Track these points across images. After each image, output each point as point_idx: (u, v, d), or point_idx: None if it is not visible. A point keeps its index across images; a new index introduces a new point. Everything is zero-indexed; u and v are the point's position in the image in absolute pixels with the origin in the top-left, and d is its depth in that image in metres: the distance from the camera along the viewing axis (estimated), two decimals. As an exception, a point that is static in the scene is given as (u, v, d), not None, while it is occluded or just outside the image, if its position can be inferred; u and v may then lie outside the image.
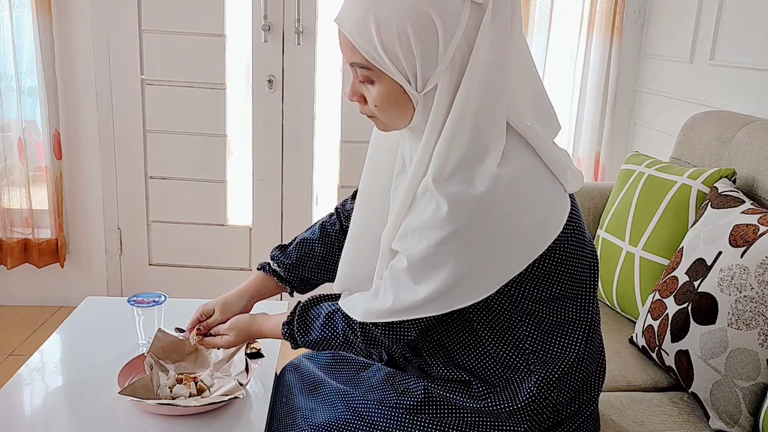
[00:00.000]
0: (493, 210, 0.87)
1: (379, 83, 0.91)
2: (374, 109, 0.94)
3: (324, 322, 1.05)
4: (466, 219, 0.87)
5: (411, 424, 1.01)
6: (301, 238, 1.27)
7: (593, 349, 1.03)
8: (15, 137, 2.51)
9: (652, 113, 2.50)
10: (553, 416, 1.01)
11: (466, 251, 0.89)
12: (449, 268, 0.89)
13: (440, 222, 0.88)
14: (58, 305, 2.72)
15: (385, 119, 0.96)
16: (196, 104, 2.60)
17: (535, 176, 0.92)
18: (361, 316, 0.99)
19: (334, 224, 1.26)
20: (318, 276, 1.26)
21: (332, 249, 1.24)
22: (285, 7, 2.50)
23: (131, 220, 2.71)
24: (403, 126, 0.96)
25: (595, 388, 1.06)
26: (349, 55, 0.91)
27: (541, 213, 0.91)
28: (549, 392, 0.98)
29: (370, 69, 0.90)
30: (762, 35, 1.84)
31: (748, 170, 1.53)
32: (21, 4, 2.42)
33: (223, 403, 1.11)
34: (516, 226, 0.89)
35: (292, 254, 1.25)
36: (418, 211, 0.91)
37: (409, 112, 0.93)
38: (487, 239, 0.88)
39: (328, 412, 1.07)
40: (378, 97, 0.92)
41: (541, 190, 0.92)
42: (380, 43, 0.86)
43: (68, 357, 1.33)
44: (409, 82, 0.89)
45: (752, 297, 1.19)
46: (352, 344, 1.03)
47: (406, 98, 0.91)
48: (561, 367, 0.99)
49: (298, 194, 2.70)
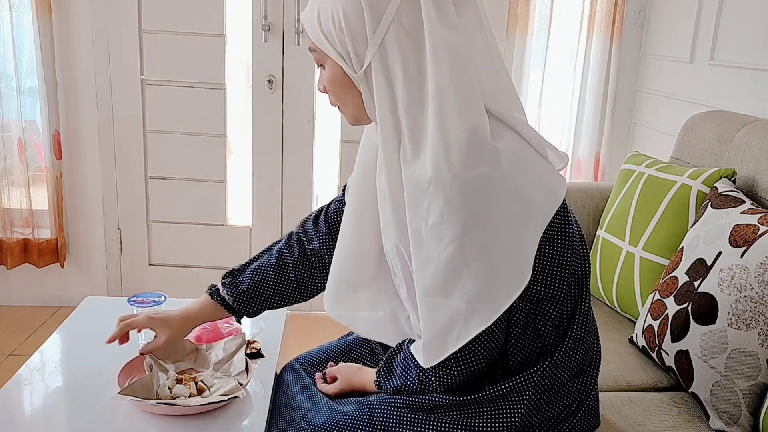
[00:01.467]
0: (504, 185, 0.88)
1: (327, 66, 0.98)
2: (329, 95, 1.01)
3: (402, 370, 1.04)
4: (481, 201, 0.87)
5: (413, 423, 1.01)
6: (255, 267, 1.23)
7: (590, 335, 1.04)
8: (15, 137, 2.51)
9: (652, 113, 2.50)
10: (550, 404, 1.00)
11: (492, 235, 0.88)
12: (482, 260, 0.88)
13: (456, 211, 0.87)
14: (58, 305, 2.72)
15: (342, 105, 1.01)
16: (196, 104, 2.60)
17: (527, 150, 0.95)
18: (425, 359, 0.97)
19: (292, 251, 1.24)
20: (269, 305, 1.23)
21: (288, 279, 1.22)
22: (285, 7, 2.50)
23: (131, 220, 2.71)
24: (365, 117, 1.00)
25: (593, 374, 1.06)
26: (308, 40, 1.00)
27: (544, 183, 0.93)
28: (548, 378, 0.99)
29: (317, 51, 0.98)
30: (762, 35, 1.84)
31: (748, 170, 1.53)
32: (21, 4, 2.42)
33: (223, 403, 1.11)
34: (527, 197, 0.90)
35: (244, 282, 1.21)
36: (425, 208, 0.90)
37: (358, 96, 0.97)
38: (506, 216, 0.88)
39: (327, 413, 1.07)
40: (327, 80, 0.99)
41: (538, 162, 0.95)
42: (320, 25, 0.95)
43: (68, 357, 1.33)
44: (345, 62, 0.95)
45: (752, 297, 1.19)
46: (428, 388, 1.01)
47: (349, 80, 0.97)
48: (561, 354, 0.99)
49: (298, 194, 2.70)
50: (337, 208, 1.25)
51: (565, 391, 1.02)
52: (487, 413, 0.99)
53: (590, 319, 1.05)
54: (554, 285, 0.96)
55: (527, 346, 0.99)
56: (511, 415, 0.98)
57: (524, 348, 0.99)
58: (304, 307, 2.79)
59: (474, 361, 0.96)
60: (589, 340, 1.04)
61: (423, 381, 1.01)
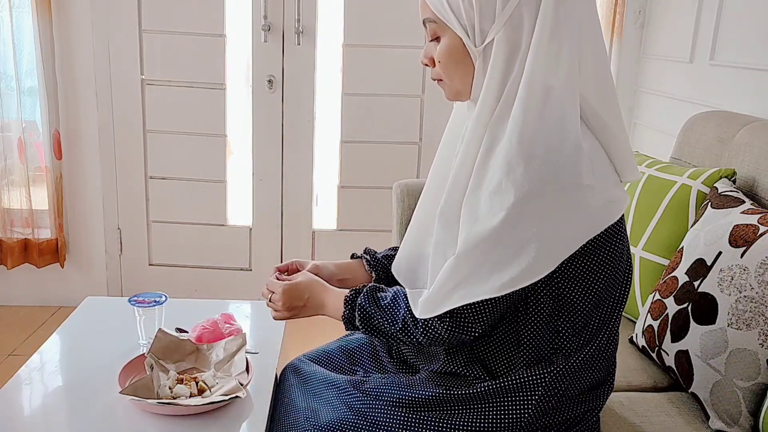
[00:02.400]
0: (570, 180, 0.89)
1: (443, 38, 0.97)
2: (439, 67, 0.99)
3: (388, 303, 1.02)
4: (542, 183, 0.87)
5: (415, 422, 1.00)
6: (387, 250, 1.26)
7: (607, 355, 1.04)
8: (15, 137, 2.51)
9: (652, 113, 2.49)
10: (558, 413, 1.01)
11: (537, 217, 0.89)
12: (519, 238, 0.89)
13: (514, 183, 0.87)
14: (58, 305, 2.72)
15: (449, 79, 1.00)
16: (196, 104, 2.60)
17: (604, 158, 0.96)
18: (421, 310, 0.97)
19: None
20: None
21: None
22: (285, 7, 2.50)
23: (131, 220, 2.71)
24: (467, 93, 0.99)
25: (601, 398, 1.06)
26: (423, 11, 0.99)
27: (607, 194, 0.93)
28: (559, 383, 0.99)
29: (436, 23, 0.97)
30: (762, 35, 1.84)
31: (748, 170, 1.53)
32: (21, 4, 2.42)
33: (224, 402, 1.11)
34: (586, 201, 0.90)
35: (382, 261, 1.24)
36: (489, 178, 0.91)
37: (469, 71, 0.97)
38: (557, 208, 0.89)
39: (331, 413, 1.07)
40: (441, 52, 0.98)
41: (607, 173, 0.95)
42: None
43: (68, 357, 1.33)
44: (468, 36, 0.94)
45: (752, 297, 1.19)
46: (409, 333, 0.99)
47: (466, 55, 0.96)
48: (576, 363, 0.99)
49: (298, 194, 2.70)
50: None
51: (574, 405, 1.02)
52: (493, 411, 0.99)
53: (614, 340, 1.05)
54: (584, 293, 0.96)
55: (542, 341, 0.99)
56: (518, 415, 0.98)
57: (539, 342, 0.99)
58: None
59: (468, 327, 0.96)
60: (608, 360, 1.04)
61: (407, 324, 0.99)
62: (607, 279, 0.97)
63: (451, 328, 0.96)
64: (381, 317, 1.02)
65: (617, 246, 0.97)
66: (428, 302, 0.96)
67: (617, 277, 1.00)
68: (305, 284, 1.13)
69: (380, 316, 1.02)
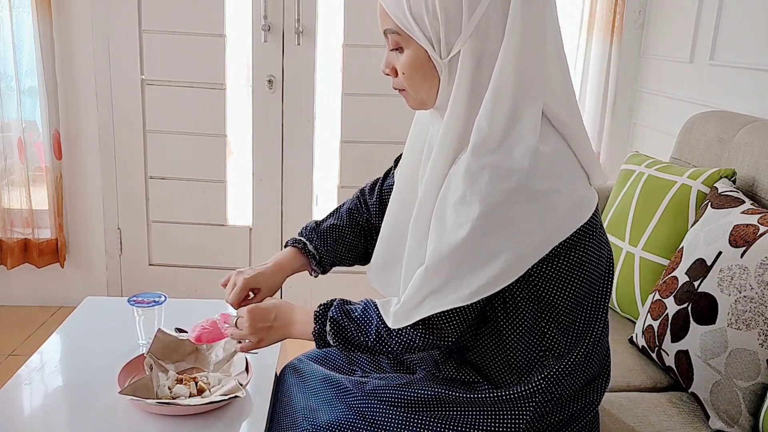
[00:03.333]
0: (534, 186, 0.88)
1: (407, 49, 0.95)
2: (403, 78, 0.98)
3: (360, 315, 1.01)
4: (507, 192, 0.87)
5: (414, 422, 1.00)
6: (329, 224, 1.25)
7: (601, 350, 1.04)
8: (15, 137, 2.51)
9: (652, 113, 2.49)
10: (556, 413, 1.01)
11: (504, 226, 0.89)
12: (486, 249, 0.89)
13: (479, 194, 0.87)
14: (58, 305, 2.72)
15: (413, 91, 0.99)
16: (196, 104, 2.60)
17: (568, 160, 0.95)
18: (393, 320, 0.96)
19: (361, 213, 1.27)
20: (345, 260, 1.26)
21: (359, 237, 1.26)
22: (285, 7, 2.50)
23: (131, 220, 2.71)
24: (431, 103, 0.98)
25: (598, 392, 1.06)
26: (383, 21, 0.97)
27: (574, 196, 0.93)
28: (555, 387, 0.99)
29: (399, 34, 0.95)
30: (762, 35, 1.84)
31: (748, 170, 1.53)
32: (21, 4, 2.41)
33: (224, 402, 1.11)
34: (552, 205, 0.90)
35: (327, 238, 1.24)
36: (454, 188, 0.91)
37: (434, 82, 0.96)
38: (524, 215, 0.89)
39: (330, 413, 1.07)
40: (405, 64, 0.96)
41: (574, 174, 0.95)
42: (408, 8, 0.92)
43: (68, 357, 1.33)
44: (433, 48, 0.93)
45: (752, 297, 1.19)
46: (384, 344, 0.98)
47: (431, 66, 0.95)
48: (569, 364, 0.99)
49: (298, 194, 2.70)
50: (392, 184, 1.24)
51: (571, 402, 1.02)
52: (492, 416, 0.99)
53: (604, 336, 1.05)
54: (564, 292, 0.96)
55: (531, 344, 0.99)
56: (516, 421, 0.98)
57: (527, 346, 0.99)
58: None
59: (441, 333, 0.96)
60: (601, 356, 1.04)
61: (381, 335, 0.98)
62: (585, 276, 0.97)
63: (423, 335, 0.96)
64: (354, 329, 1.00)
65: (593, 242, 0.97)
66: (400, 312, 0.96)
67: (596, 273, 1.00)
68: (270, 304, 1.10)
69: (353, 328, 1.00)
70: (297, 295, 2.72)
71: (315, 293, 2.78)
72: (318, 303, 1.05)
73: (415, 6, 0.91)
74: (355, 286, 2.75)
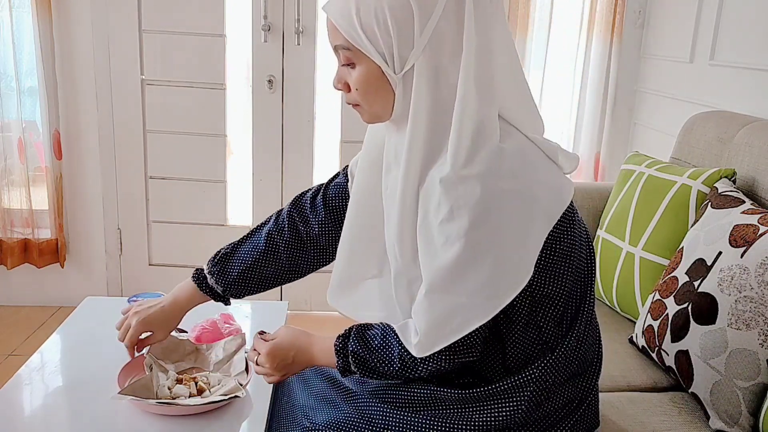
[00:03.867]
0: (511, 184, 0.88)
1: (359, 65, 0.94)
2: (356, 94, 0.97)
3: (380, 344, 0.99)
4: (490, 198, 0.87)
5: (415, 422, 1.00)
6: (243, 252, 1.22)
7: (591, 333, 1.04)
8: (15, 137, 2.51)
9: (652, 113, 2.50)
10: (551, 400, 1.01)
11: (498, 233, 0.88)
12: (488, 257, 0.89)
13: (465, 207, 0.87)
14: (58, 305, 2.72)
15: (368, 106, 0.98)
16: (196, 104, 2.60)
17: (535, 151, 0.95)
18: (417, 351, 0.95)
19: (282, 233, 1.22)
20: (258, 289, 1.23)
21: (278, 263, 1.21)
22: (285, 7, 2.50)
23: (131, 220, 2.71)
24: (387, 116, 0.98)
25: (593, 377, 1.06)
26: (333, 37, 0.95)
27: (551, 183, 0.93)
28: (549, 375, 0.99)
29: (350, 50, 0.93)
30: (762, 35, 1.84)
31: (748, 170, 1.53)
32: (21, 4, 2.42)
33: (224, 402, 1.11)
34: (535, 196, 0.90)
35: (233, 270, 1.20)
36: (435, 205, 0.90)
37: (389, 97, 0.95)
38: (512, 216, 0.89)
39: (330, 411, 1.07)
40: (358, 80, 0.95)
41: (544, 163, 0.95)
42: (359, 23, 0.90)
43: (68, 357, 1.33)
44: (386, 63, 0.92)
45: (752, 297, 1.19)
46: (410, 370, 0.97)
47: (385, 81, 0.94)
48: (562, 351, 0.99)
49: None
50: (338, 192, 1.24)
51: (566, 388, 1.02)
52: (487, 410, 0.99)
53: (593, 319, 1.05)
54: (557, 284, 0.97)
55: (528, 342, 0.99)
56: (512, 412, 0.98)
57: (525, 344, 0.99)
58: (304, 307, 2.79)
59: (466, 352, 0.96)
60: (591, 340, 1.05)
61: (405, 362, 0.97)
62: (573, 263, 0.98)
63: (450, 358, 0.96)
64: (377, 360, 0.99)
65: (575, 230, 0.98)
66: (424, 344, 0.94)
67: (581, 259, 1.00)
68: (288, 342, 1.07)
69: (376, 359, 0.99)
70: (297, 295, 2.73)
71: (315, 292, 2.79)
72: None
73: (365, 21, 0.90)
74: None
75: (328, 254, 1.23)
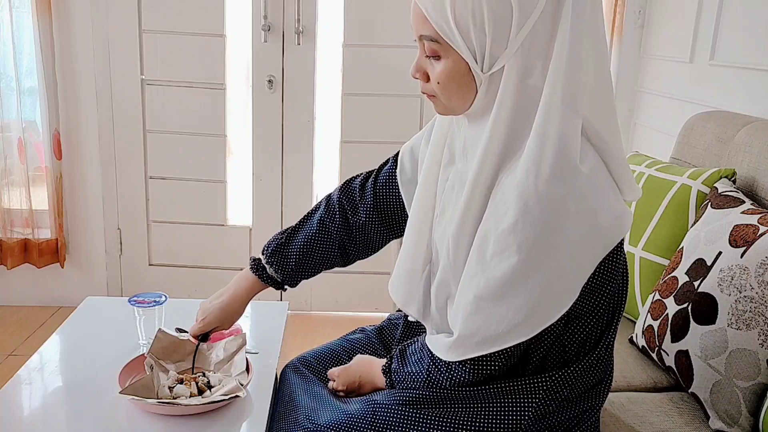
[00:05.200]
0: (577, 207, 0.87)
1: (445, 59, 0.91)
2: (436, 86, 0.94)
3: (417, 357, 1.03)
4: (555, 219, 0.86)
5: (416, 419, 1.00)
6: (300, 240, 1.23)
7: (608, 355, 1.04)
8: (15, 137, 2.51)
9: (652, 113, 2.50)
10: (558, 413, 1.01)
11: (556, 253, 0.87)
12: (542, 276, 0.88)
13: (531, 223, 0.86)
14: (58, 305, 2.72)
15: (446, 99, 0.95)
16: (196, 104, 2.60)
17: (605, 176, 0.93)
18: (446, 353, 0.96)
19: (334, 218, 1.22)
20: (315, 274, 1.25)
21: (331, 247, 1.23)
22: (285, 7, 2.50)
23: (131, 220, 2.71)
24: (462, 110, 0.96)
25: (602, 395, 1.06)
26: (420, 26, 0.92)
27: (613, 211, 0.91)
28: (560, 389, 0.99)
29: (438, 42, 0.90)
30: (762, 35, 1.84)
31: (748, 170, 1.53)
32: (21, 4, 2.42)
33: (224, 402, 1.11)
34: (597, 222, 0.89)
35: (291, 258, 1.22)
36: (502, 212, 0.88)
37: (470, 94, 0.93)
38: (573, 239, 0.87)
39: (331, 410, 1.07)
40: (442, 74, 0.92)
41: (610, 191, 0.93)
42: (453, 17, 0.87)
43: (68, 357, 1.33)
44: (475, 61, 0.89)
45: (752, 297, 1.19)
46: (435, 382, 1.00)
47: (470, 78, 0.91)
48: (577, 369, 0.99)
49: (298, 194, 2.70)
50: (387, 179, 1.22)
51: (574, 405, 1.02)
52: (493, 411, 0.99)
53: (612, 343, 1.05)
54: (592, 305, 0.96)
55: (550, 357, 0.99)
56: (517, 417, 0.98)
57: (546, 358, 0.99)
58: (304, 307, 2.79)
59: (491, 365, 0.96)
60: (606, 362, 1.04)
61: (431, 373, 1.00)
62: (611, 288, 0.97)
63: (472, 370, 0.97)
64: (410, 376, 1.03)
65: (618, 257, 0.97)
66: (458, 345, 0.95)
67: (618, 285, 0.99)
68: (356, 366, 1.15)
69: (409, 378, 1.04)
70: (297, 295, 2.73)
71: (315, 292, 2.79)
72: None
73: (460, 15, 0.86)
74: (355, 286, 2.76)
75: (374, 244, 1.25)
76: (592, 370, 1.01)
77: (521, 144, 0.90)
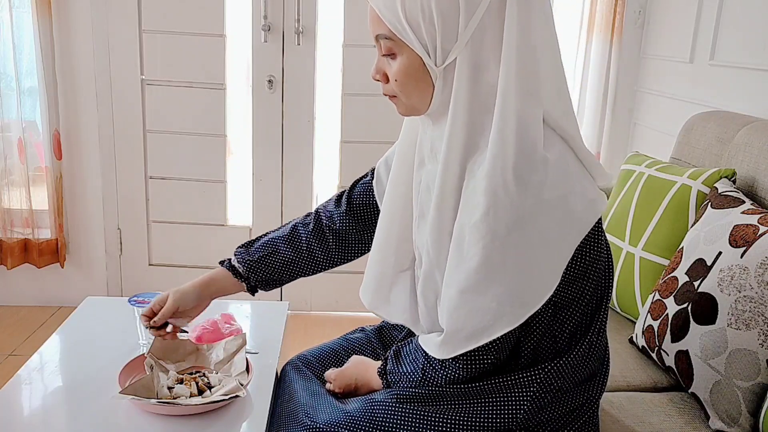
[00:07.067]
0: (550, 194, 0.88)
1: (400, 56, 0.94)
2: (395, 85, 0.96)
3: (412, 357, 1.04)
4: (527, 206, 0.87)
5: (414, 417, 1.00)
6: (268, 238, 1.25)
7: (600, 345, 1.04)
8: (15, 137, 2.51)
9: (652, 113, 2.50)
10: (555, 406, 1.01)
11: (530, 240, 0.88)
12: (518, 264, 0.89)
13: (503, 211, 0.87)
14: (58, 305, 2.72)
15: (405, 98, 0.97)
16: (196, 104, 2.60)
17: (574, 161, 0.94)
18: (438, 351, 0.97)
19: (307, 225, 1.24)
20: (281, 276, 1.24)
21: (299, 250, 1.23)
22: (285, 7, 2.50)
23: (131, 220, 2.71)
24: (423, 108, 0.97)
25: (598, 388, 1.06)
26: (375, 26, 0.95)
27: (587, 195, 0.92)
28: (554, 380, 0.99)
29: (392, 40, 0.93)
30: (762, 35, 1.84)
31: (748, 170, 1.53)
32: (21, 4, 2.41)
33: (224, 402, 1.11)
34: (570, 208, 0.90)
35: (256, 252, 1.23)
36: (473, 204, 0.90)
37: (428, 90, 0.95)
38: (547, 225, 0.89)
39: (330, 408, 1.07)
40: (399, 71, 0.95)
41: (581, 175, 0.94)
42: (403, 13, 0.90)
43: (68, 357, 1.33)
44: (428, 55, 0.91)
45: (752, 297, 1.19)
46: (430, 380, 1.02)
47: (425, 73, 0.93)
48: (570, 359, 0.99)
49: (298, 194, 2.70)
50: (363, 190, 1.24)
51: (570, 397, 1.02)
52: (489, 406, 0.99)
53: (604, 331, 1.05)
54: (578, 292, 0.97)
55: (541, 348, 1.00)
56: (514, 410, 0.99)
57: (537, 350, 1.00)
58: (304, 307, 2.79)
59: (483, 359, 0.97)
60: (600, 351, 1.05)
61: (426, 372, 1.01)
62: (595, 274, 0.98)
63: (466, 366, 0.97)
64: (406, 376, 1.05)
65: (599, 242, 0.98)
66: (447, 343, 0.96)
67: (602, 269, 1.00)
68: (353, 368, 1.16)
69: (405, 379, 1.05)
70: (297, 295, 2.73)
71: (315, 292, 2.79)
72: None
73: (410, 12, 0.90)
74: (355, 285, 2.75)
75: (350, 250, 1.25)
76: (585, 360, 1.01)
77: (484, 138, 0.91)
